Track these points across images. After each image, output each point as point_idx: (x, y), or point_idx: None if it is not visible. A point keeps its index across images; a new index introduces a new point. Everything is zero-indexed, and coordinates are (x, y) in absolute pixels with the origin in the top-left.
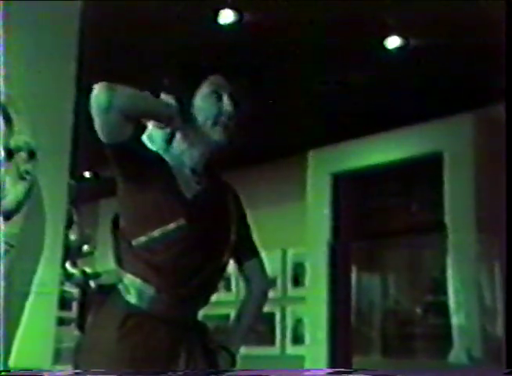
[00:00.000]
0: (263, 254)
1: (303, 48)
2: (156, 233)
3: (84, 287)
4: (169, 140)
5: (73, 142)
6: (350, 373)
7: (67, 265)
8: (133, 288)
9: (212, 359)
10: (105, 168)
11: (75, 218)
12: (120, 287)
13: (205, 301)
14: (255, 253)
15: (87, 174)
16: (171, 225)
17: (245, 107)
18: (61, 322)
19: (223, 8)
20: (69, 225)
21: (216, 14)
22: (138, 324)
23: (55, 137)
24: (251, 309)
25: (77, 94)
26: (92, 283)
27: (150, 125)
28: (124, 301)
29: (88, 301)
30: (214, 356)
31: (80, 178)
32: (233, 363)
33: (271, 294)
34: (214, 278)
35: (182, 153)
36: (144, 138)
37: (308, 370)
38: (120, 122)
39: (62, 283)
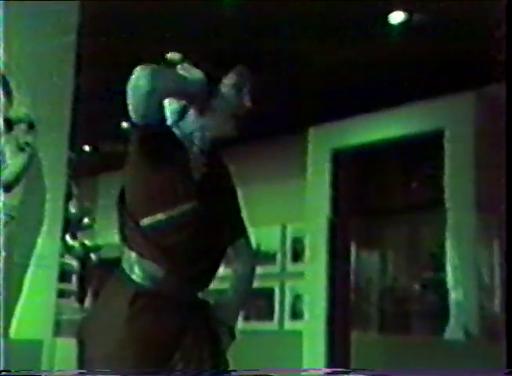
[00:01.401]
0: (263, 230)
1: (304, 24)
2: (166, 214)
3: (84, 259)
4: (181, 114)
5: (72, 115)
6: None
7: (67, 237)
8: (140, 268)
9: (214, 335)
10: (105, 142)
11: (75, 190)
12: (125, 265)
13: (211, 279)
14: (244, 231)
15: (86, 147)
16: (184, 207)
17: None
18: (61, 294)
19: None
20: (68, 197)
21: None
22: (147, 304)
23: (54, 110)
24: (242, 284)
25: (77, 67)
26: (93, 256)
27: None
28: (130, 280)
29: (88, 274)
30: (216, 332)
31: (80, 151)
32: (232, 336)
33: (270, 269)
34: (219, 257)
35: (193, 131)
36: None
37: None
38: (158, 104)
39: (62, 256)
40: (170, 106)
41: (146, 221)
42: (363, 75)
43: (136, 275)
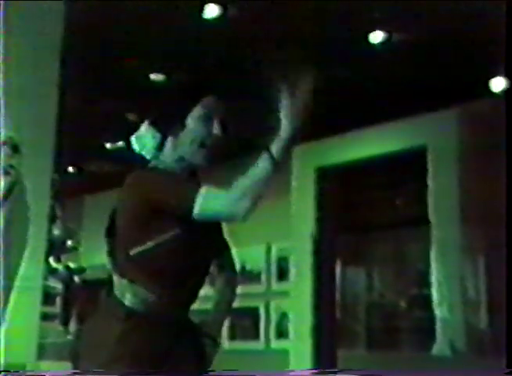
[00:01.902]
0: (248, 249)
1: (286, 44)
2: (154, 242)
3: (67, 282)
4: (159, 148)
5: (57, 136)
6: (335, 373)
7: (51, 260)
8: (131, 294)
9: (200, 348)
10: (89, 163)
11: (59, 212)
12: (117, 291)
13: (196, 297)
14: (227, 247)
15: (71, 168)
16: (167, 235)
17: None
18: (45, 317)
19: (208, 2)
20: (52, 220)
21: (201, 8)
22: (138, 323)
23: (39, 131)
24: (226, 297)
25: (61, 89)
26: (76, 279)
27: (143, 128)
28: (122, 305)
29: (73, 297)
30: (201, 345)
31: (64, 172)
32: (216, 346)
33: (255, 288)
34: (205, 276)
35: (172, 162)
36: (133, 139)
37: (293, 370)
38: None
39: (45, 279)
40: (147, 141)
41: (135, 250)
42: (346, 94)
43: (128, 300)
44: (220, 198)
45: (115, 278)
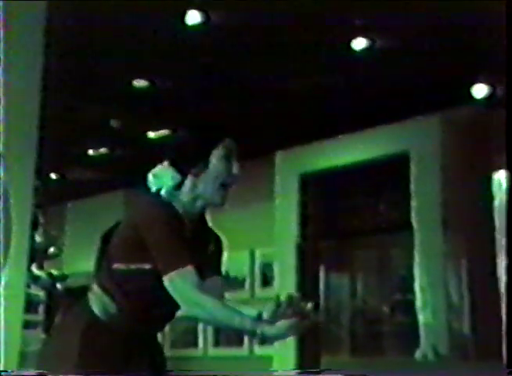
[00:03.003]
0: (231, 255)
1: (269, 50)
2: (137, 267)
3: (50, 289)
4: (178, 187)
5: (39, 143)
6: (318, 373)
7: (33, 267)
8: (99, 301)
9: (155, 365)
10: (72, 169)
11: (41, 219)
12: (90, 296)
13: (167, 321)
14: (219, 273)
15: (53, 175)
16: (147, 266)
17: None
18: (27, 325)
19: (190, 9)
20: (35, 227)
21: (183, 15)
22: (98, 333)
23: (21, 138)
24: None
25: (43, 96)
26: (59, 286)
27: (161, 167)
28: (90, 310)
29: (55, 304)
30: (156, 359)
31: (46, 179)
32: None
33: (239, 294)
34: (175, 310)
35: (188, 201)
36: (150, 176)
37: (277, 371)
38: None
39: (28, 286)
40: (165, 180)
41: (119, 266)
42: (329, 101)
43: (95, 306)
44: (187, 291)
45: (93, 283)
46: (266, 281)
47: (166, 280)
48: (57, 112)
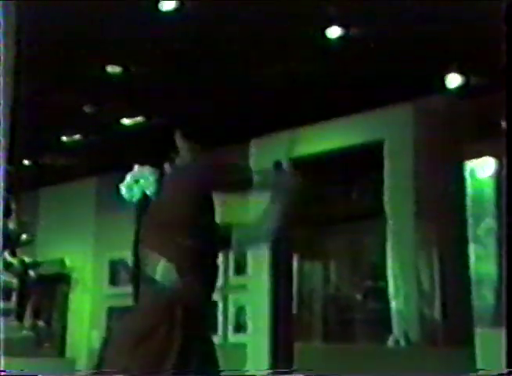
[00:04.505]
0: None
1: (243, 39)
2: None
3: (22, 276)
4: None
5: (11, 128)
6: (291, 373)
7: (5, 254)
8: (162, 270)
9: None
10: (45, 155)
11: (14, 206)
12: (150, 269)
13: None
14: None
15: (26, 161)
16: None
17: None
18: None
19: None
20: (7, 213)
21: (157, 1)
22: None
23: None
24: None
25: (15, 82)
26: (32, 273)
27: (132, 173)
28: (154, 282)
29: (28, 292)
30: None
31: (19, 165)
32: None
33: None
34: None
35: None
36: (127, 185)
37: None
38: None
39: (0, 273)
40: (145, 177)
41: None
42: (303, 89)
43: (159, 276)
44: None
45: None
46: (240, 269)
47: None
48: (30, 97)
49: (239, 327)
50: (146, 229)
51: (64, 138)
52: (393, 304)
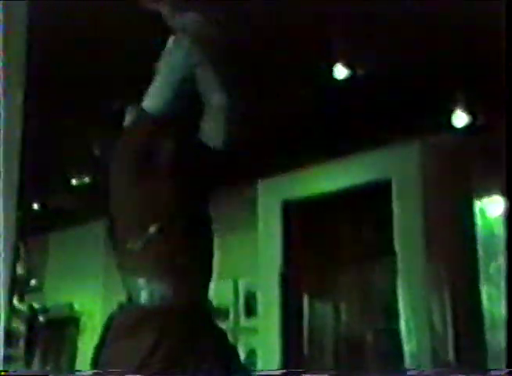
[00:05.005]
0: (215, 285)
1: (250, 76)
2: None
3: (31, 322)
4: None
5: (20, 172)
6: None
7: (14, 300)
8: (146, 290)
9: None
10: (53, 199)
11: (22, 251)
12: (133, 293)
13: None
14: None
15: (35, 205)
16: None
17: None
18: (8, 359)
19: None
20: (16, 259)
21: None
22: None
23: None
24: None
25: (24, 122)
26: (41, 318)
27: None
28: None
29: (36, 337)
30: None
31: (28, 209)
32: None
33: (223, 325)
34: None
35: None
36: None
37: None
38: None
39: (9, 319)
40: None
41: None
42: (310, 128)
43: (143, 299)
44: None
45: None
46: (250, 311)
47: None
48: (39, 141)
49: (250, 370)
50: None
51: (74, 181)
52: (405, 344)
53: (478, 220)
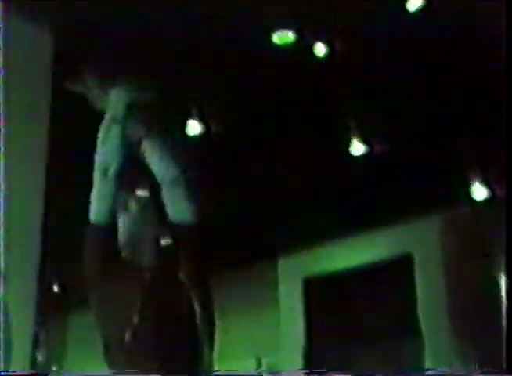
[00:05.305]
0: (237, 364)
1: (270, 148)
2: None
3: None
4: None
5: (41, 255)
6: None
7: None
8: None
9: None
10: (72, 281)
11: (42, 337)
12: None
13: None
14: None
15: (55, 288)
16: None
17: None
18: None
19: None
20: (36, 345)
21: None
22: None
23: (22, 253)
24: None
25: (46, 194)
26: None
27: None
28: None
29: None
30: None
31: (47, 291)
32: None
33: None
34: None
35: None
36: None
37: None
38: None
39: None
40: None
41: None
42: (331, 203)
43: None
44: None
45: None
46: None
47: None
48: (57, 224)
49: None
50: None
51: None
52: None
53: (501, 293)
